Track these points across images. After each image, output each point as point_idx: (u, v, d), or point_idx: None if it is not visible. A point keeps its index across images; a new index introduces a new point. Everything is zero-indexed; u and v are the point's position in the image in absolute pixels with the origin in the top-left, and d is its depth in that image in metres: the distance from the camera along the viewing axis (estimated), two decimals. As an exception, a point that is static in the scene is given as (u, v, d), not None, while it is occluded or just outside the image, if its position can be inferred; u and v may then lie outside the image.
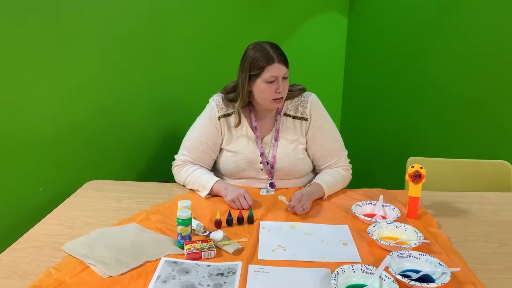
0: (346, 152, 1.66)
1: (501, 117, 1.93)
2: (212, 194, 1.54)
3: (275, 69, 1.46)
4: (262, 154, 1.59)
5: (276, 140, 1.60)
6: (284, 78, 1.50)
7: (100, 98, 2.35)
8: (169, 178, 1.73)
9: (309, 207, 1.42)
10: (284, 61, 1.49)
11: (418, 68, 2.50)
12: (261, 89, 1.49)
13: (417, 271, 1.05)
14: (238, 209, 1.42)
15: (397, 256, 1.08)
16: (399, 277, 0.99)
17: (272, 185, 1.60)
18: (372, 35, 2.96)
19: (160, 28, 2.49)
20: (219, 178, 1.56)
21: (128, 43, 2.39)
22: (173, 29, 2.55)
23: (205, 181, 1.54)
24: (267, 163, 1.59)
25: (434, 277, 1.03)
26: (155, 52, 2.50)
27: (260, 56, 1.46)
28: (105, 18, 2.28)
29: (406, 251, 1.10)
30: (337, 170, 1.62)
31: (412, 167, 1.40)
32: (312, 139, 1.61)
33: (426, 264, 1.06)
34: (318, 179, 1.57)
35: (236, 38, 2.73)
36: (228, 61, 2.42)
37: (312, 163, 1.66)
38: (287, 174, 1.61)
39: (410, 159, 1.84)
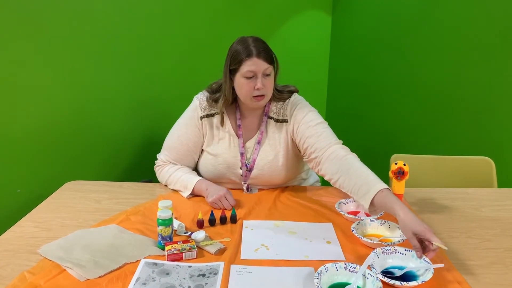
0: (335, 137, 1.47)
1: (484, 114, 1.95)
2: (194, 194, 1.52)
3: (253, 64, 1.37)
4: (242, 155, 1.52)
5: (258, 143, 1.53)
6: (267, 75, 1.40)
7: (80, 97, 2.30)
8: (152, 178, 1.70)
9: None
10: (266, 56, 1.39)
11: (402, 66, 2.51)
12: (240, 84, 1.42)
13: (401, 268, 1.04)
14: (221, 209, 1.40)
15: (382, 252, 1.07)
16: (380, 276, 0.97)
17: (248, 188, 1.56)
18: (356, 33, 2.96)
19: (141, 27, 2.45)
20: (201, 178, 1.53)
21: (109, 41, 2.34)
22: (154, 28, 2.51)
23: (187, 181, 1.51)
24: (247, 165, 1.53)
25: (418, 273, 1.02)
26: (136, 49, 2.46)
27: (241, 49, 1.39)
28: (83, 15, 2.23)
29: (392, 247, 1.09)
30: (347, 159, 1.34)
31: (395, 163, 1.40)
32: (298, 134, 1.49)
33: (411, 260, 1.06)
34: (370, 184, 1.21)
35: (217, 36, 2.70)
36: (210, 60, 2.40)
37: (305, 156, 1.49)
38: (265, 181, 1.55)
39: (393, 156, 1.84)
